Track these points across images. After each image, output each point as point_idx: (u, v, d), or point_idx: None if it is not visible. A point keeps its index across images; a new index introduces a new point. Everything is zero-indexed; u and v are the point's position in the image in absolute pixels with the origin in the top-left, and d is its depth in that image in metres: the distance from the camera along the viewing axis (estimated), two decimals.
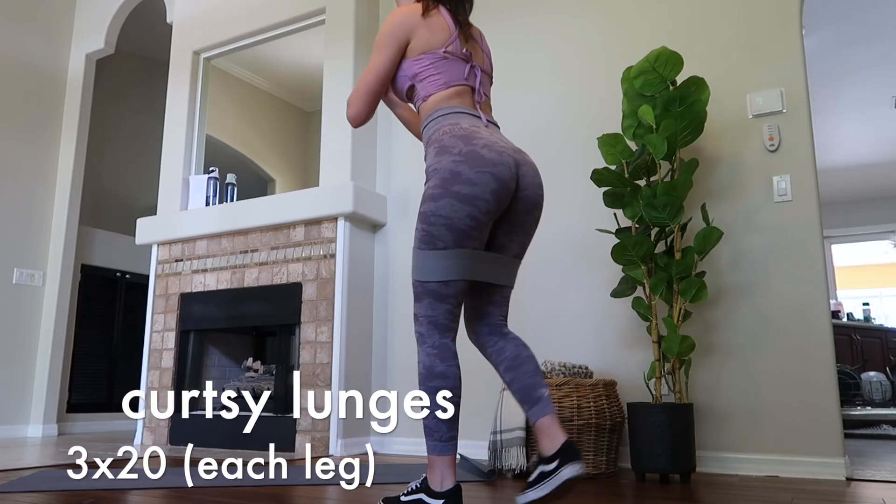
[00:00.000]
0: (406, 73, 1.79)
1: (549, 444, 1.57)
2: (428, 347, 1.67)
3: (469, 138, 1.65)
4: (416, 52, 1.76)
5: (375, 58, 1.78)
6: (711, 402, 2.63)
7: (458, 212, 1.59)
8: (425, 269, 1.64)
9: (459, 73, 1.77)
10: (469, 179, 1.59)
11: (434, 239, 1.62)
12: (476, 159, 1.61)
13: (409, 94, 1.83)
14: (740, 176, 2.73)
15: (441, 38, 1.76)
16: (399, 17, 1.78)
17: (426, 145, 1.75)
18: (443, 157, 1.64)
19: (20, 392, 4.49)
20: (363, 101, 1.81)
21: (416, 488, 1.68)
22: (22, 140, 4.67)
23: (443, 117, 1.73)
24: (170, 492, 2.04)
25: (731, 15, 2.86)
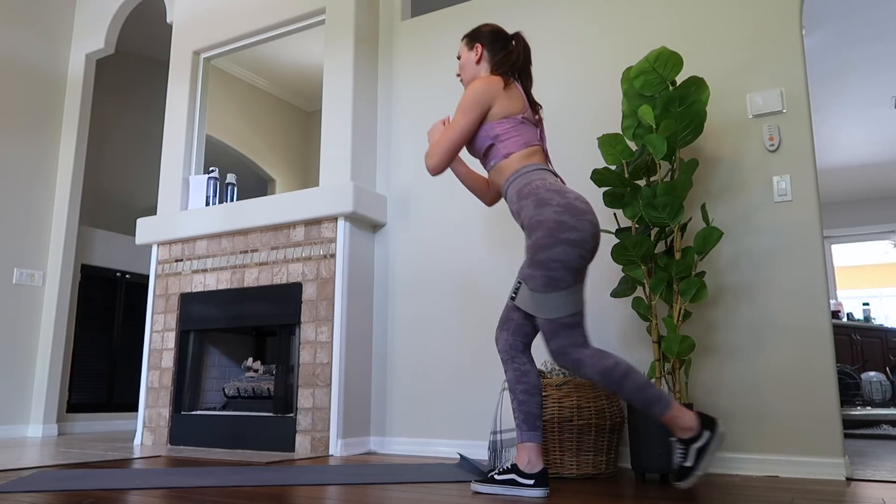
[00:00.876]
0: (487, 134, 2.09)
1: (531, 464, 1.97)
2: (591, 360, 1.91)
3: (562, 192, 1.97)
4: (498, 116, 2.08)
5: (461, 119, 2.08)
6: (711, 402, 2.63)
7: (570, 255, 1.90)
8: (555, 308, 1.91)
9: (533, 135, 2.12)
10: (573, 227, 1.91)
11: (557, 281, 1.90)
12: (574, 210, 1.93)
13: (485, 152, 2.12)
14: (740, 176, 2.73)
15: (518, 106, 2.11)
16: (484, 85, 2.09)
17: (518, 197, 2.02)
18: (544, 208, 1.94)
19: (20, 392, 4.50)
20: (447, 155, 2.10)
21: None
22: (22, 140, 4.67)
23: (530, 173, 2.04)
24: (170, 492, 2.04)
25: (731, 15, 2.86)
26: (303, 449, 3.30)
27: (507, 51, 2.23)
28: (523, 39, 2.26)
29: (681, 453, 1.91)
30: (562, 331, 1.92)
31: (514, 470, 2.00)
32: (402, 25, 3.80)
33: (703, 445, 1.87)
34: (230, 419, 3.58)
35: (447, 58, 3.61)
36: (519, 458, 2.01)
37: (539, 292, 1.92)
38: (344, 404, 3.25)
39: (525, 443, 2.00)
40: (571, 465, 2.44)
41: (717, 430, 1.89)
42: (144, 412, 3.88)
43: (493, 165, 2.12)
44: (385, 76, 3.79)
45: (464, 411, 3.21)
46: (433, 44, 3.67)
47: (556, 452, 2.45)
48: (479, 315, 3.25)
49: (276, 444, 3.39)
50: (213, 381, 3.98)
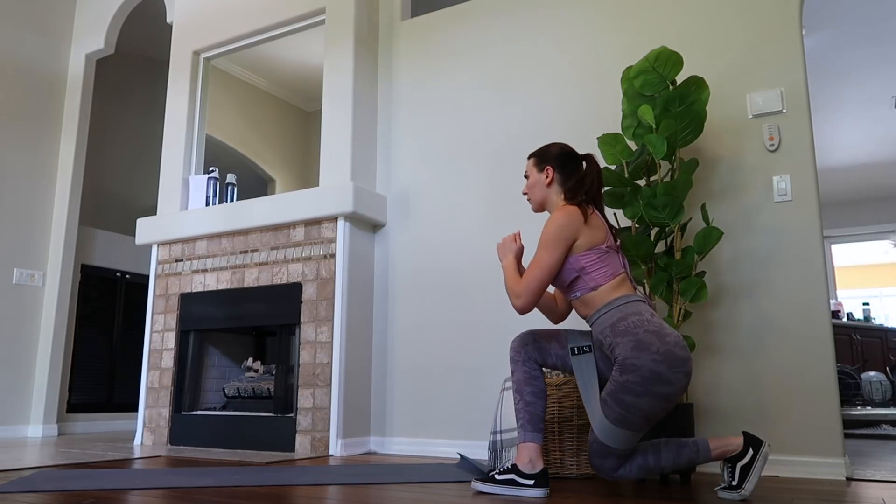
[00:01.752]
0: (573, 266, 2.03)
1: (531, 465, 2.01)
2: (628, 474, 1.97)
3: (661, 335, 1.90)
4: (583, 249, 2.03)
5: (546, 256, 2.02)
6: (712, 402, 2.63)
7: (655, 408, 1.88)
8: (617, 441, 1.92)
9: (618, 263, 2.07)
10: (668, 380, 1.86)
11: (630, 424, 1.89)
12: (674, 359, 1.87)
13: (570, 284, 2.07)
14: (740, 176, 2.73)
15: (601, 236, 2.05)
16: (566, 219, 2.03)
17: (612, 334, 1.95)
18: (642, 353, 1.87)
19: (20, 392, 4.50)
20: (535, 295, 2.03)
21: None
22: (22, 140, 4.67)
23: (624, 306, 1.98)
24: (170, 492, 2.04)
25: (731, 15, 2.86)
26: (303, 449, 3.30)
27: (581, 175, 2.16)
28: (595, 162, 2.18)
29: (729, 472, 1.94)
30: (612, 456, 1.95)
31: (515, 470, 2.00)
32: (402, 25, 3.80)
33: (748, 463, 1.91)
34: (230, 419, 3.58)
35: (447, 58, 3.61)
36: (520, 457, 2.01)
37: (609, 422, 1.91)
38: (344, 404, 3.25)
39: (527, 443, 2.02)
40: (571, 465, 2.44)
41: (762, 450, 1.91)
42: (144, 412, 3.88)
43: (577, 297, 2.07)
44: (385, 76, 3.79)
45: (464, 411, 3.21)
46: (433, 44, 3.67)
47: (556, 452, 2.45)
48: (479, 315, 3.25)
49: (276, 444, 3.39)
50: (213, 381, 3.97)
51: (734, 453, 1.94)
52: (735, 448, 1.94)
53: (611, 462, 1.95)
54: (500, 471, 2.03)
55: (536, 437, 2.02)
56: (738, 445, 1.94)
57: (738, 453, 1.93)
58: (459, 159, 3.46)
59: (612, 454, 1.94)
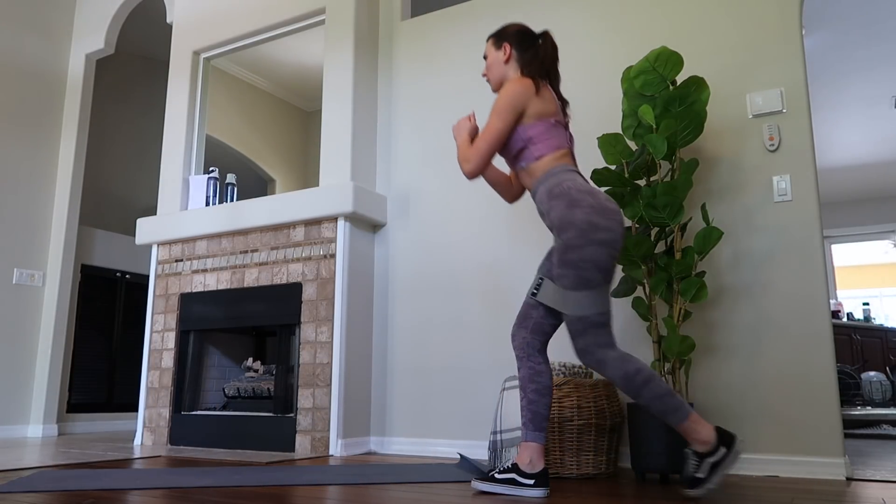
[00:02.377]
0: (520, 136, 2.10)
1: (532, 464, 2.00)
2: (615, 362, 1.92)
3: (593, 193, 1.99)
4: (532, 119, 2.09)
5: (496, 122, 2.08)
6: (711, 402, 2.63)
7: (601, 255, 1.92)
8: (585, 307, 1.93)
9: (564, 138, 2.14)
10: (605, 227, 1.94)
11: (587, 280, 1.92)
12: (605, 210, 1.96)
13: (517, 153, 2.13)
14: (740, 176, 2.73)
15: (551, 109, 2.12)
16: (519, 87, 2.09)
17: (548, 198, 2.03)
18: (576, 209, 1.95)
19: (20, 392, 4.50)
20: (483, 159, 2.11)
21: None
22: (22, 140, 4.67)
23: (561, 174, 2.06)
24: (170, 492, 2.04)
25: (731, 15, 2.86)
26: (303, 449, 3.30)
27: (536, 50, 2.22)
28: (551, 38, 2.24)
29: (694, 464, 1.88)
30: (590, 329, 1.94)
31: (515, 469, 2.00)
32: (402, 25, 3.80)
33: (718, 461, 1.85)
34: (230, 419, 3.58)
35: (447, 58, 3.61)
36: (520, 457, 2.01)
37: (570, 290, 1.93)
38: (344, 404, 3.25)
39: (529, 442, 2.01)
40: (571, 465, 2.44)
41: (734, 448, 1.86)
42: (144, 412, 3.88)
43: (523, 167, 2.13)
44: (385, 76, 3.79)
45: (464, 411, 3.21)
46: (433, 44, 3.67)
47: (556, 452, 2.45)
48: (479, 315, 3.25)
49: (276, 444, 3.39)
50: (213, 381, 3.97)
51: (702, 448, 1.88)
52: (704, 441, 1.88)
53: (591, 337, 1.93)
54: (501, 470, 2.02)
55: (539, 437, 2.01)
56: (708, 440, 1.87)
57: (709, 450, 1.87)
58: None
59: (589, 325, 1.93)
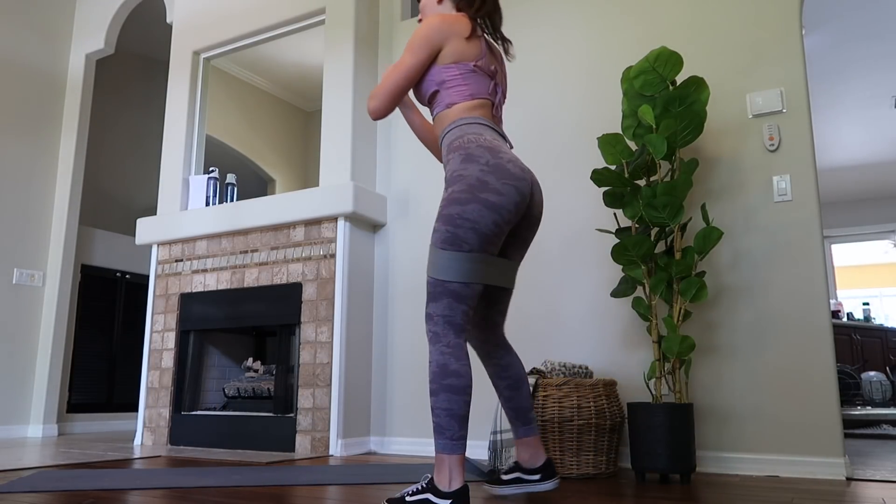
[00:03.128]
0: (433, 78, 1.86)
1: (532, 458, 1.85)
2: (443, 346, 1.69)
3: (495, 151, 1.75)
4: (447, 60, 1.84)
5: (408, 58, 1.84)
6: (711, 402, 2.63)
7: (484, 217, 1.68)
8: (449, 269, 1.69)
9: (485, 87, 1.87)
10: (496, 189, 1.70)
11: (460, 241, 1.68)
12: (503, 172, 1.72)
13: (430, 98, 1.90)
14: (740, 176, 2.73)
15: (473, 52, 1.86)
16: (438, 22, 1.84)
17: (447, 150, 1.82)
18: (470, 164, 1.73)
19: (20, 392, 4.50)
20: (389, 97, 1.85)
21: (422, 488, 1.67)
22: (22, 140, 4.67)
23: (467, 125, 1.82)
24: (170, 492, 2.04)
25: (731, 15, 2.86)
26: (303, 449, 3.30)
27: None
28: None
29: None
30: (444, 297, 1.69)
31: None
32: (402, 25, 3.80)
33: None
34: (230, 419, 3.58)
35: None
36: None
37: (437, 247, 1.70)
38: (344, 404, 3.25)
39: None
40: (571, 465, 2.44)
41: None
42: (144, 412, 3.88)
43: (435, 115, 1.90)
44: None
45: None
46: None
47: (556, 452, 2.45)
48: None
49: (276, 444, 3.39)
50: (213, 381, 3.97)
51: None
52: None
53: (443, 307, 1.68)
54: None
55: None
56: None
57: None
58: None
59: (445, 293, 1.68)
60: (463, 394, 1.66)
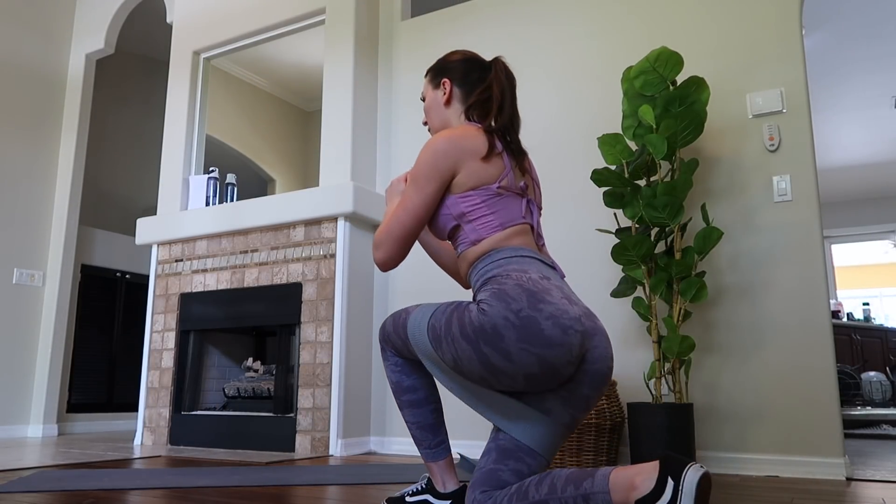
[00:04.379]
0: (451, 212, 1.50)
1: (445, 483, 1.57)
2: (391, 365, 1.59)
3: (536, 298, 1.32)
4: (464, 188, 1.48)
5: (413, 194, 1.49)
6: (711, 402, 2.63)
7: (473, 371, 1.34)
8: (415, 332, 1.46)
9: (517, 210, 1.50)
10: (506, 353, 1.29)
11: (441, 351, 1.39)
12: (530, 332, 1.29)
13: (451, 235, 1.55)
14: (740, 176, 2.73)
15: (495, 171, 1.48)
16: (444, 144, 1.48)
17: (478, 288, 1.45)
18: (497, 303, 1.33)
19: (20, 392, 4.50)
20: (397, 244, 1.51)
21: (422, 489, 1.61)
22: (22, 140, 4.67)
23: (507, 260, 1.43)
24: (170, 492, 2.04)
25: (731, 15, 2.86)
26: (303, 449, 3.30)
27: (486, 85, 1.60)
28: (504, 65, 1.62)
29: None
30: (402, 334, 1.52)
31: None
32: (402, 25, 3.80)
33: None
34: (230, 419, 3.58)
35: None
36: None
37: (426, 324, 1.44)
38: (344, 404, 3.25)
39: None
40: (571, 465, 2.44)
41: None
42: (144, 412, 3.88)
43: (460, 254, 1.53)
44: (385, 76, 3.79)
45: (464, 411, 3.21)
46: (433, 44, 3.67)
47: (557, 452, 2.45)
48: None
49: (276, 444, 3.39)
50: (213, 381, 3.97)
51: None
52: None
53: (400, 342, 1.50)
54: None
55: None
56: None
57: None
58: None
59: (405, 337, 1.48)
60: (426, 405, 1.56)
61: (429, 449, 1.57)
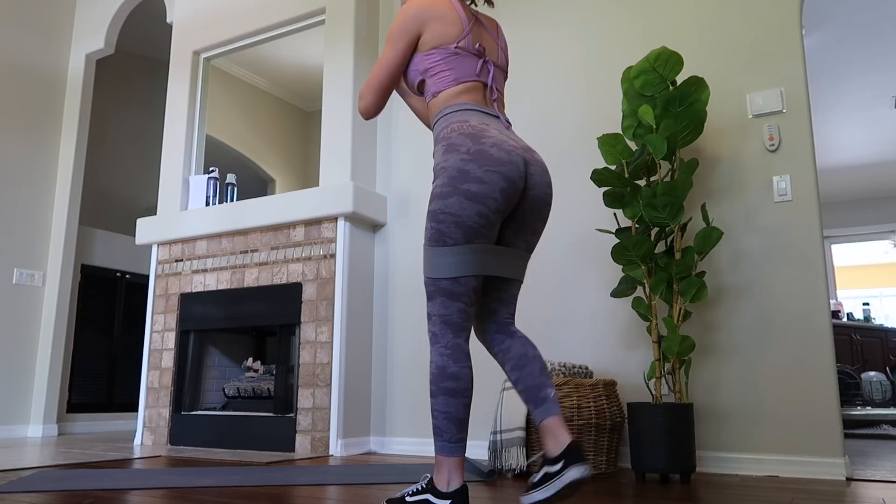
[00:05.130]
0: (417, 68, 1.79)
1: (555, 445, 1.56)
2: (441, 347, 1.64)
3: (477, 136, 1.64)
4: (428, 47, 1.76)
5: (387, 51, 1.78)
6: (711, 402, 2.63)
7: (467, 209, 1.59)
8: (437, 267, 1.63)
9: (471, 68, 1.76)
10: (478, 178, 1.59)
11: (444, 236, 1.62)
12: (484, 158, 1.61)
13: (419, 88, 1.83)
14: (740, 176, 2.73)
15: (453, 33, 1.75)
16: (412, 9, 1.77)
17: (435, 142, 1.75)
18: (451, 155, 1.64)
19: (20, 392, 4.50)
20: (375, 94, 1.80)
21: (422, 488, 1.65)
22: (22, 140, 4.67)
23: (452, 114, 1.72)
24: (170, 492, 2.04)
25: (731, 15, 2.86)
26: (303, 449, 3.30)
27: None
28: None
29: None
30: (438, 296, 1.65)
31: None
32: None
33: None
34: (230, 419, 3.58)
35: None
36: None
37: (426, 245, 1.66)
38: (344, 404, 3.25)
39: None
40: None
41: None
42: (144, 412, 3.88)
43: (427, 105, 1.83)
44: None
45: None
46: None
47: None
48: None
49: (276, 444, 3.39)
50: (213, 381, 3.97)
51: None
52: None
53: (438, 306, 1.64)
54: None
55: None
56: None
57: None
58: None
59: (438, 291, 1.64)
60: (461, 397, 1.62)
61: (449, 442, 1.62)
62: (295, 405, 3.39)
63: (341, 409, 3.23)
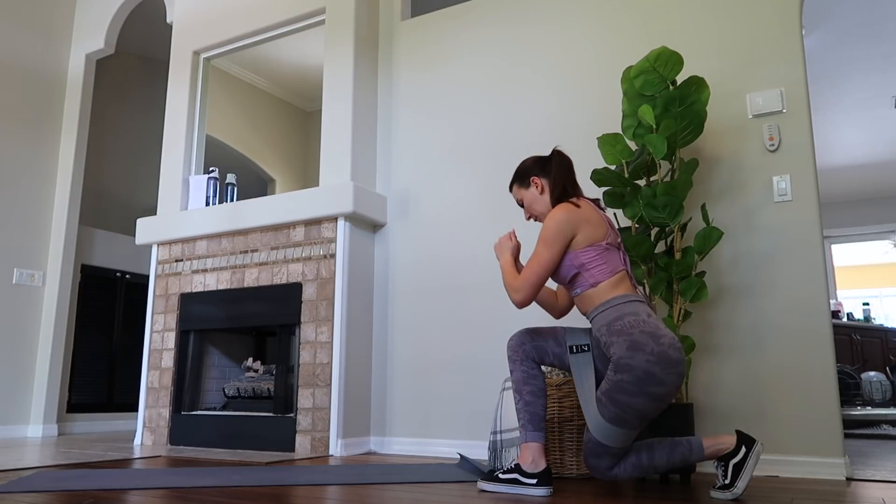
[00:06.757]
0: (572, 263, 2.05)
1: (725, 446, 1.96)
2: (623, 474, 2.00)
3: (656, 336, 1.91)
4: (583, 245, 2.03)
5: (545, 252, 2.04)
6: (711, 402, 2.63)
7: (650, 407, 1.90)
8: (612, 438, 1.94)
9: (618, 260, 2.06)
10: (661, 380, 1.88)
11: (625, 423, 1.92)
12: (666, 361, 1.88)
13: (570, 280, 2.08)
14: (740, 176, 2.73)
15: (601, 232, 2.06)
16: (564, 215, 2.05)
17: (609, 332, 1.96)
18: (636, 353, 1.89)
19: (20, 392, 4.50)
20: (533, 289, 2.06)
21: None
22: (22, 140, 4.67)
23: (621, 305, 1.98)
24: (170, 492, 2.04)
25: (731, 15, 2.86)
26: (303, 449, 3.30)
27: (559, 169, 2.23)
28: (560, 152, 2.27)
29: (722, 470, 1.95)
30: (607, 455, 1.97)
31: (518, 469, 2.02)
32: (402, 25, 3.80)
33: (739, 461, 1.92)
34: (230, 419, 3.58)
35: (447, 58, 3.61)
36: (522, 457, 2.03)
37: (605, 420, 1.94)
38: (344, 404, 3.25)
39: (529, 442, 2.03)
40: (571, 465, 2.44)
41: (755, 448, 1.93)
42: (144, 412, 3.88)
43: (578, 293, 2.08)
44: (385, 76, 3.79)
45: (464, 411, 3.21)
46: (433, 44, 3.67)
47: (557, 452, 2.45)
48: (478, 315, 3.25)
49: (276, 444, 3.39)
50: (213, 381, 3.97)
51: (727, 451, 1.95)
52: (728, 446, 1.95)
53: (606, 461, 1.98)
54: (504, 470, 2.05)
55: (538, 437, 2.03)
56: (731, 444, 1.95)
57: (731, 451, 1.94)
58: (459, 159, 3.46)
59: (607, 453, 1.97)
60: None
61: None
62: (295, 405, 3.39)
63: (341, 409, 3.23)
